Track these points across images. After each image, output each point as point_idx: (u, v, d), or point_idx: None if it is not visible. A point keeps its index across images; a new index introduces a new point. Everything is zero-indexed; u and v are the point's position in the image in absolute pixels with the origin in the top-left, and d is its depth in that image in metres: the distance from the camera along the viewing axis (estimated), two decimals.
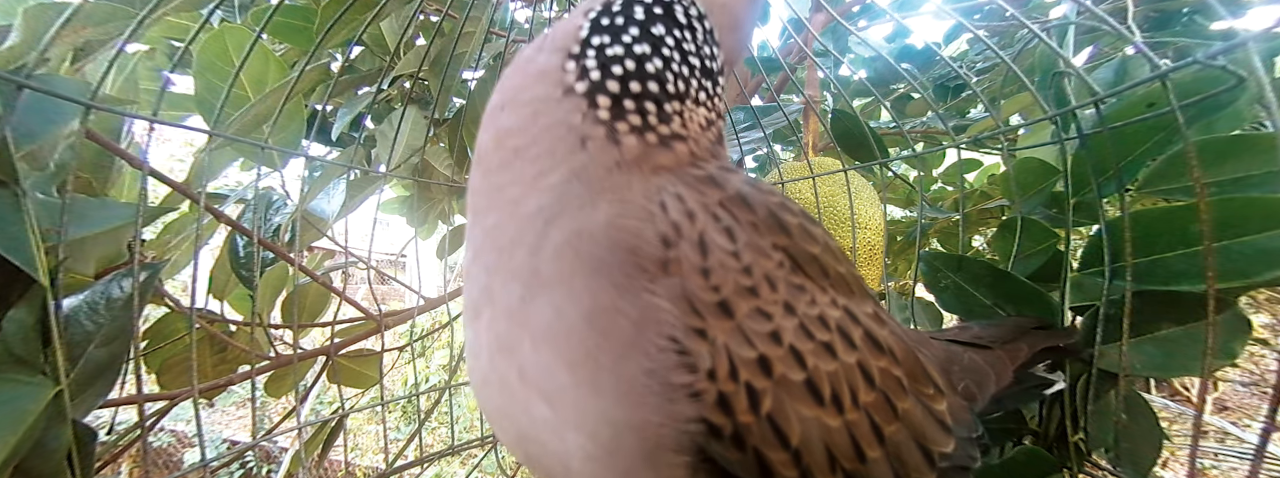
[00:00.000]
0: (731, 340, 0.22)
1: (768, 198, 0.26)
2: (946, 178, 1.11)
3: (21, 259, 0.31)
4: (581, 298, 0.22)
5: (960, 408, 0.30)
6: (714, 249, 0.23)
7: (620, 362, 0.21)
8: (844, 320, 0.26)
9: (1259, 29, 0.31)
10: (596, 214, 0.23)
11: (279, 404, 1.92)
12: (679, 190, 0.24)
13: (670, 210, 0.23)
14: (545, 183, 0.24)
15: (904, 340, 0.29)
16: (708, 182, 0.25)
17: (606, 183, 0.23)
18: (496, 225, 0.25)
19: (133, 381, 0.42)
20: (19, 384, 0.32)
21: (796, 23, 0.90)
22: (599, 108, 0.24)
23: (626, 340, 0.21)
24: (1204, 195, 0.33)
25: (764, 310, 0.23)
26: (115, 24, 0.43)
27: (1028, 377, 0.38)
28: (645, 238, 0.22)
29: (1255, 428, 1.60)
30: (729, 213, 0.24)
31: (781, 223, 0.25)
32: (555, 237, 0.23)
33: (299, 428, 0.58)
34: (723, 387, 0.22)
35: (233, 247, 0.60)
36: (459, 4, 0.71)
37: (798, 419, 0.23)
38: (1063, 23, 0.52)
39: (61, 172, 0.36)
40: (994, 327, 0.41)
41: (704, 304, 0.22)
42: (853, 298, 0.27)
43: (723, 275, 0.22)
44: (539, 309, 0.23)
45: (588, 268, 0.22)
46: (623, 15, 0.26)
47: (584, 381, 0.22)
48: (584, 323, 0.22)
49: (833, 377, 0.24)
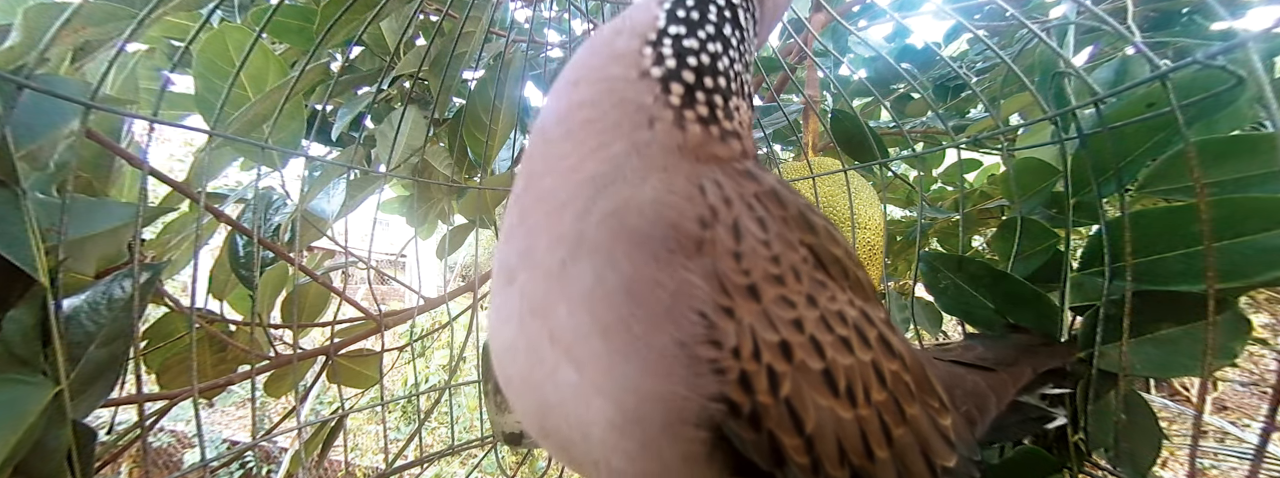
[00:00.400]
0: (757, 322, 0.23)
1: (798, 199, 0.27)
2: (946, 178, 1.11)
3: (21, 259, 0.31)
4: (622, 266, 0.22)
5: (963, 427, 0.31)
6: (747, 235, 0.24)
7: (653, 331, 0.22)
8: (860, 320, 0.26)
9: (1259, 29, 0.31)
10: (645, 188, 0.24)
11: (279, 404, 1.92)
12: (718, 178, 0.25)
13: (709, 194, 0.24)
14: (606, 153, 0.25)
15: (913, 350, 0.29)
16: (746, 175, 0.26)
17: (662, 162, 0.24)
18: (551, 189, 0.25)
19: (133, 380, 0.42)
20: (19, 384, 0.32)
21: (796, 23, 0.90)
22: (671, 93, 0.25)
23: (661, 311, 0.22)
24: (1204, 195, 0.33)
25: (789, 298, 0.24)
26: (115, 24, 0.43)
27: (1029, 408, 0.39)
28: (686, 216, 0.23)
29: (1255, 428, 1.60)
30: (763, 205, 0.25)
31: (809, 223, 0.26)
32: (604, 204, 0.23)
33: (299, 428, 0.58)
34: (746, 366, 0.22)
35: (232, 246, 0.60)
36: (459, 4, 0.71)
37: (814, 407, 0.23)
38: (1063, 23, 0.52)
39: (61, 171, 0.36)
40: (997, 346, 0.41)
41: (734, 285, 0.23)
42: (869, 303, 0.28)
43: (753, 260, 0.23)
44: (580, 273, 0.23)
45: (631, 238, 0.23)
46: (697, 11, 0.27)
47: (616, 347, 0.22)
48: (622, 291, 0.22)
49: (848, 371, 0.25)
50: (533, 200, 0.26)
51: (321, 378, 0.74)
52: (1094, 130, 0.41)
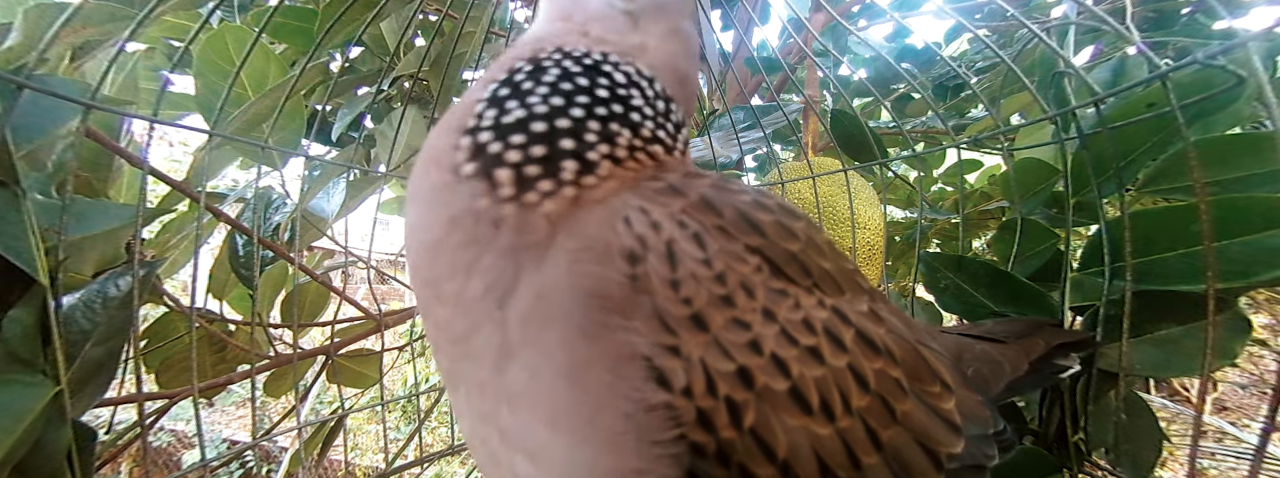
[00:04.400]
0: (707, 354, 0.21)
1: (735, 198, 0.25)
2: (947, 178, 1.11)
3: (21, 259, 0.31)
4: (555, 355, 0.21)
5: (973, 403, 0.29)
6: (683, 259, 0.22)
7: (599, 412, 0.21)
8: (832, 322, 0.25)
9: (1259, 29, 0.31)
10: (552, 270, 0.22)
11: (279, 404, 1.92)
12: (641, 204, 0.23)
13: (634, 224, 0.22)
14: (480, 266, 0.23)
15: (905, 338, 0.28)
16: (668, 192, 0.24)
17: (545, 243, 0.22)
18: (447, 320, 0.24)
19: (132, 380, 0.42)
20: (19, 384, 0.32)
21: (796, 23, 0.90)
22: (500, 184, 0.23)
23: (604, 389, 0.21)
24: (1204, 195, 0.33)
25: (741, 320, 0.22)
26: (115, 24, 0.43)
27: (1044, 366, 0.38)
28: (608, 271, 0.21)
29: (1254, 428, 1.60)
30: (695, 219, 0.23)
31: (753, 222, 0.24)
32: (516, 307, 0.22)
33: (299, 428, 0.58)
34: (700, 403, 0.21)
35: (232, 246, 0.60)
36: (459, 4, 0.71)
37: (784, 431, 0.22)
38: (1063, 23, 0.52)
39: (61, 171, 0.36)
40: (1008, 323, 0.41)
41: (676, 319, 0.21)
42: (842, 296, 0.26)
43: (694, 286, 0.22)
44: (514, 376, 0.22)
45: (557, 323, 0.21)
46: (531, 78, 0.25)
47: (563, 434, 0.21)
48: (561, 380, 0.21)
49: (821, 383, 0.23)
50: (435, 330, 0.25)
51: (321, 378, 0.74)
52: (1094, 130, 0.41)
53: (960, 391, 0.29)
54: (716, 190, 0.25)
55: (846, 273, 0.27)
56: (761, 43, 1.12)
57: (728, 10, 0.93)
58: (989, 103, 0.58)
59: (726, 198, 0.24)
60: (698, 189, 0.24)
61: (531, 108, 0.24)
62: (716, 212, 0.24)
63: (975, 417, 0.29)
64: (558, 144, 0.24)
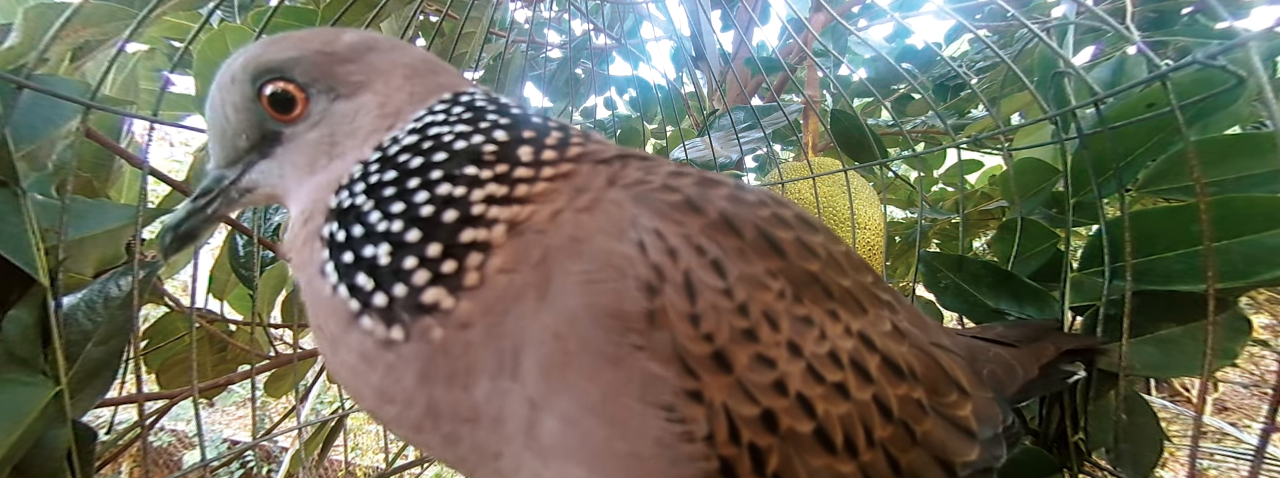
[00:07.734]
0: (731, 399, 0.20)
1: (755, 213, 0.23)
2: (947, 178, 1.11)
3: (22, 259, 0.31)
4: (584, 390, 0.20)
5: (987, 403, 0.29)
6: (703, 290, 0.21)
7: (636, 439, 0.20)
8: (858, 351, 0.24)
9: (1259, 29, 0.31)
10: (562, 300, 0.20)
11: (279, 404, 1.92)
12: (656, 225, 0.21)
13: (650, 251, 0.21)
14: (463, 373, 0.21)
15: (924, 349, 0.27)
16: (684, 207, 0.22)
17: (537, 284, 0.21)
18: (452, 434, 0.23)
19: (133, 380, 0.42)
20: (19, 384, 0.32)
21: (796, 23, 0.90)
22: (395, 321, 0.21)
23: (635, 418, 0.20)
24: (1204, 195, 0.33)
25: (766, 356, 0.21)
26: (115, 24, 0.43)
27: (1054, 371, 0.38)
28: (626, 291, 0.20)
29: (1255, 429, 1.60)
30: (714, 242, 0.22)
31: (774, 242, 0.23)
32: (530, 363, 0.21)
33: (299, 428, 0.58)
34: (723, 451, 0.20)
35: (232, 246, 0.60)
36: (459, 4, 0.71)
37: (806, 473, 0.22)
38: (1063, 23, 0.52)
39: (61, 171, 0.36)
40: (1017, 327, 0.41)
41: (697, 359, 0.20)
42: (865, 316, 0.25)
43: (715, 320, 0.20)
44: (547, 430, 0.21)
45: (579, 356, 0.20)
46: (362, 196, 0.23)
47: (602, 473, 0.21)
48: (594, 419, 0.20)
49: (846, 420, 0.23)
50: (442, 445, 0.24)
51: (322, 378, 0.74)
52: (1094, 130, 0.41)
53: (976, 391, 0.29)
54: (735, 204, 0.23)
55: (865, 287, 0.26)
56: (761, 43, 1.12)
57: (728, 10, 0.93)
58: (989, 103, 0.58)
59: (747, 214, 0.23)
60: (716, 204, 0.23)
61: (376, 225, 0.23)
62: (737, 232, 0.22)
63: (988, 417, 0.29)
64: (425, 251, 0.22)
